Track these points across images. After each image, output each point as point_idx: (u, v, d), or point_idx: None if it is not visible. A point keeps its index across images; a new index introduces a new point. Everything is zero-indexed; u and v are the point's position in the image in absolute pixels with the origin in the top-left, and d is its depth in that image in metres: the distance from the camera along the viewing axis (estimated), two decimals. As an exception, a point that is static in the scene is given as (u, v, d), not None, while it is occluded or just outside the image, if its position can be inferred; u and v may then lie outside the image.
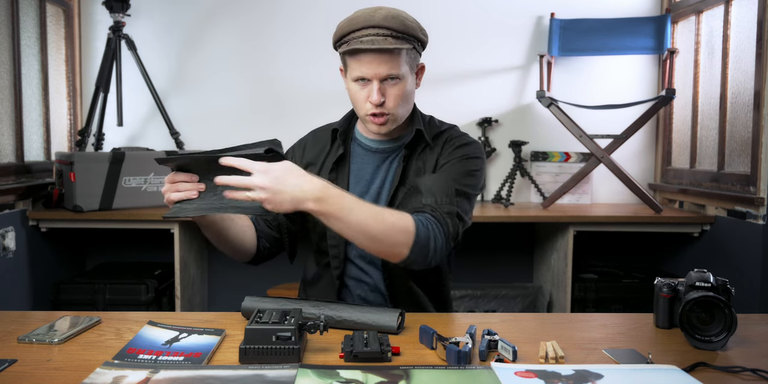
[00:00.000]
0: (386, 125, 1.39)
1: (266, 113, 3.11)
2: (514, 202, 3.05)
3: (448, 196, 1.34)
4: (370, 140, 1.48)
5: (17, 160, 2.61)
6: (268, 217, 1.47)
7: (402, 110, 1.39)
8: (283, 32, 3.09)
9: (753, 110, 2.35)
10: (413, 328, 1.21)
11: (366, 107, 1.37)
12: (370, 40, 1.31)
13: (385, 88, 1.35)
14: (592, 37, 2.96)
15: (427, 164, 1.43)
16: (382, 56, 1.32)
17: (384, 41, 1.31)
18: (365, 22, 1.32)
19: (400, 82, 1.36)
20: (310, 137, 1.56)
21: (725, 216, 2.52)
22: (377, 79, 1.34)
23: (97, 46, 3.07)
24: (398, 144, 1.47)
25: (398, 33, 1.32)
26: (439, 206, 1.32)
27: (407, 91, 1.38)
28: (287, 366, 1.00)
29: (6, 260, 2.42)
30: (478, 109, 3.10)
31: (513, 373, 0.97)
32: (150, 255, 3.09)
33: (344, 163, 1.47)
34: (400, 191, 1.42)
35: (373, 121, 1.38)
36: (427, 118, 1.50)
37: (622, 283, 2.79)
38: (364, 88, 1.36)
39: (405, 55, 1.35)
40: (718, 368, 1.02)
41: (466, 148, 1.43)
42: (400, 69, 1.34)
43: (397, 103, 1.37)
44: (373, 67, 1.33)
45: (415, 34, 1.36)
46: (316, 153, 1.52)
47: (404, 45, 1.33)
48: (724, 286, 1.20)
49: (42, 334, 1.16)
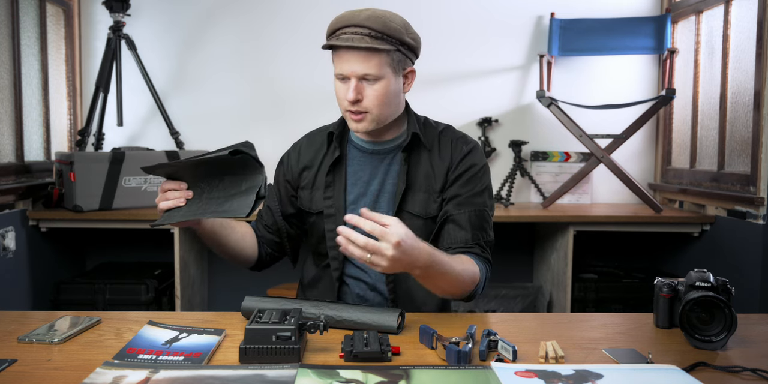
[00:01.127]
0: (363, 123, 1.39)
1: (266, 113, 3.11)
2: (514, 202, 3.05)
3: (486, 230, 1.44)
4: (365, 142, 1.48)
5: (17, 160, 2.61)
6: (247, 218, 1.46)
7: (382, 111, 1.38)
8: (283, 32, 3.09)
9: (753, 110, 2.35)
10: (413, 328, 1.21)
11: (344, 104, 1.39)
12: (348, 38, 1.33)
13: (362, 86, 1.36)
14: (592, 37, 2.96)
15: (436, 171, 1.45)
16: (359, 55, 1.33)
17: (360, 40, 1.32)
18: (348, 20, 1.34)
19: (379, 82, 1.35)
20: (304, 141, 1.57)
21: (725, 216, 2.52)
22: (354, 77, 1.35)
23: (97, 46, 3.07)
24: (393, 145, 1.48)
25: (378, 33, 1.33)
26: (486, 244, 1.43)
27: (389, 93, 1.37)
28: (287, 366, 1.00)
29: (6, 260, 2.42)
30: (478, 109, 3.10)
31: (513, 373, 0.97)
32: (150, 255, 3.09)
33: (341, 165, 1.48)
34: (409, 195, 1.44)
35: (352, 117, 1.40)
36: (422, 119, 1.51)
37: (622, 283, 2.79)
38: (343, 84, 1.38)
39: (386, 56, 1.34)
40: (718, 368, 1.02)
41: (470, 158, 1.46)
42: (378, 69, 1.34)
43: (376, 104, 1.37)
44: (350, 65, 1.34)
45: (399, 36, 1.35)
46: (311, 156, 1.52)
47: (383, 45, 1.33)
48: (724, 286, 1.20)
49: (42, 334, 1.16)
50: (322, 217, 1.47)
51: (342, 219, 1.43)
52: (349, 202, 1.46)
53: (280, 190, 1.54)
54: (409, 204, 1.44)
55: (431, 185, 1.44)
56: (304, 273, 1.58)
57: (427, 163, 1.46)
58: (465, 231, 1.41)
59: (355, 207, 1.46)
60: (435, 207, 1.44)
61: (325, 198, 1.47)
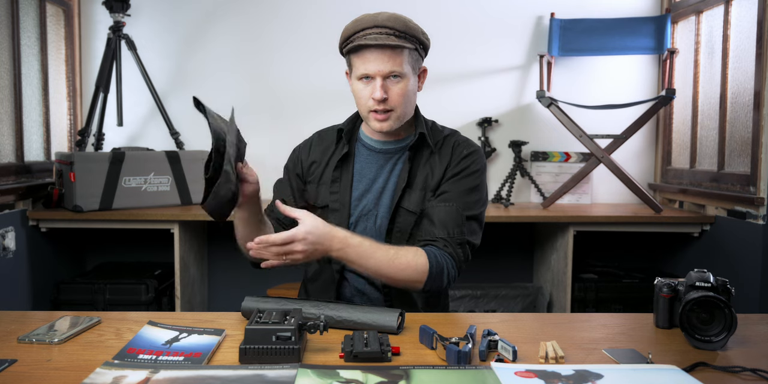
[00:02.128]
0: (388, 122, 1.42)
1: (266, 113, 3.11)
2: (514, 202, 3.05)
3: (459, 226, 1.42)
4: (374, 141, 1.52)
5: (17, 160, 2.61)
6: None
7: (406, 109, 1.43)
8: (283, 32, 3.09)
9: (753, 110, 2.35)
10: (413, 328, 1.21)
11: (368, 104, 1.41)
12: (374, 38, 1.36)
13: (387, 85, 1.40)
14: (592, 37, 2.96)
15: (435, 171, 1.48)
16: (385, 53, 1.37)
17: (387, 39, 1.36)
18: (369, 22, 1.38)
19: (402, 80, 1.40)
20: (315, 137, 1.61)
21: (725, 216, 2.52)
22: (380, 76, 1.38)
23: (97, 46, 3.07)
24: (401, 145, 1.51)
25: (401, 32, 1.38)
26: (452, 239, 1.41)
27: (409, 91, 1.42)
28: (287, 366, 1.00)
29: (6, 260, 2.42)
30: (478, 109, 3.10)
31: (513, 373, 0.97)
32: (150, 255, 3.09)
33: (348, 161, 1.52)
34: (407, 193, 1.47)
35: (376, 117, 1.42)
36: (429, 122, 1.55)
37: (622, 283, 2.79)
38: (367, 85, 1.41)
39: (407, 55, 1.40)
40: (718, 368, 1.02)
41: (469, 159, 1.48)
42: (402, 67, 1.39)
43: (400, 101, 1.41)
44: (377, 64, 1.37)
45: (417, 35, 1.41)
46: (321, 152, 1.56)
47: (407, 44, 1.38)
48: (724, 286, 1.20)
49: (42, 334, 1.16)
50: (327, 212, 1.50)
51: (347, 214, 1.49)
52: (354, 198, 1.50)
53: (291, 183, 1.58)
54: (405, 201, 1.47)
55: (428, 183, 1.47)
56: (307, 270, 1.61)
57: (428, 163, 1.49)
58: (433, 225, 1.43)
59: (358, 203, 1.50)
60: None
61: (331, 193, 1.51)
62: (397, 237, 1.47)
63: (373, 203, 1.49)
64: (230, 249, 1.52)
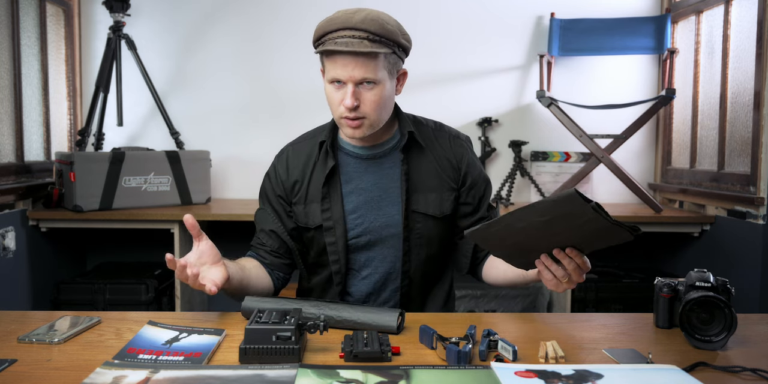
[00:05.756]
0: (360, 129, 1.34)
1: (266, 113, 3.11)
2: (515, 202, 3.05)
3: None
4: (357, 147, 1.44)
5: (17, 160, 2.61)
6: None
7: (378, 115, 1.34)
8: (283, 32, 3.09)
9: (753, 110, 2.35)
10: (413, 328, 1.21)
11: (340, 110, 1.33)
12: (345, 42, 1.27)
13: (360, 92, 1.31)
14: (592, 37, 2.96)
15: (443, 168, 1.44)
16: (358, 59, 1.28)
17: (360, 44, 1.27)
18: (343, 23, 1.28)
19: (377, 86, 1.31)
20: (289, 151, 1.50)
21: (725, 216, 2.52)
22: (352, 82, 1.30)
23: (97, 46, 3.07)
24: (387, 148, 1.44)
25: (376, 36, 1.28)
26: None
27: (384, 97, 1.33)
28: (287, 366, 1.00)
29: (6, 260, 2.42)
30: (478, 109, 3.10)
31: (513, 373, 0.97)
32: (150, 255, 3.08)
33: (334, 175, 1.43)
34: (417, 196, 1.42)
35: (348, 124, 1.34)
36: (411, 117, 1.48)
37: (622, 283, 2.79)
38: (338, 90, 1.32)
39: (383, 59, 1.30)
40: (718, 368, 1.02)
41: (471, 157, 1.49)
42: (376, 73, 1.30)
43: (373, 108, 1.32)
44: (348, 70, 1.29)
45: (395, 38, 1.30)
46: (301, 168, 1.46)
47: (381, 49, 1.28)
48: (724, 286, 1.20)
49: (42, 334, 1.16)
50: (321, 231, 1.43)
51: (342, 230, 1.41)
52: (348, 212, 1.42)
53: (275, 208, 1.48)
54: (421, 205, 1.41)
55: (442, 184, 1.43)
56: (303, 284, 1.55)
57: (429, 161, 1.44)
58: (465, 258, 1.50)
59: (355, 216, 1.42)
60: (448, 205, 1.44)
61: (323, 211, 1.42)
62: (417, 243, 1.42)
63: (374, 213, 1.41)
64: (229, 249, 1.51)
